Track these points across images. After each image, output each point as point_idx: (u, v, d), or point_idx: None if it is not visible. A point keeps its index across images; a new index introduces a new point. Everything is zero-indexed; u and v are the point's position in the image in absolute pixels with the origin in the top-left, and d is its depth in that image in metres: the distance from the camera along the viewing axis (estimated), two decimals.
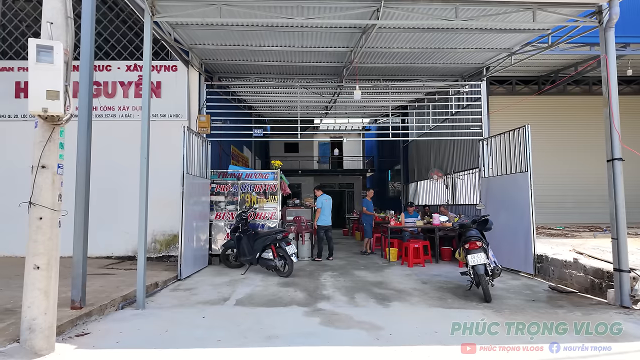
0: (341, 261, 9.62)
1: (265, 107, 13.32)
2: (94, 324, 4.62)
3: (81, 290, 4.84)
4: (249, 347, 3.94)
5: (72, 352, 3.75)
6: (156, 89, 9.05)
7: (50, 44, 3.67)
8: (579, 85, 12.91)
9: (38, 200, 3.67)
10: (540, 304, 5.54)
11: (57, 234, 3.80)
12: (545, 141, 11.47)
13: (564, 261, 6.57)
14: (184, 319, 4.90)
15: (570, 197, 12.06)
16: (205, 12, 6.35)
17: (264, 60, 9.15)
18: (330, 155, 26.96)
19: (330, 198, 10.09)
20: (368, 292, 6.31)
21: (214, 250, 9.02)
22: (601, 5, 5.90)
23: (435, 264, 9.07)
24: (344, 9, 6.43)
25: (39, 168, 3.70)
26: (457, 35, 7.69)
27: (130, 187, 7.52)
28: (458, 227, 6.68)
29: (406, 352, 3.80)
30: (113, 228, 8.63)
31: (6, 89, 9.10)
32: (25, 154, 5.77)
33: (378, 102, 12.18)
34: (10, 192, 8.49)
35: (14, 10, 9.43)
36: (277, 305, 5.49)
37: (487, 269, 5.74)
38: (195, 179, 8.05)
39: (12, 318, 4.30)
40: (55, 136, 3.80)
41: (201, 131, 8.87)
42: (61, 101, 3.65)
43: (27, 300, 3.60)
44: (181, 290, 6.45)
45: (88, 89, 5.13)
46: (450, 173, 12.64)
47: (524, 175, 7.46)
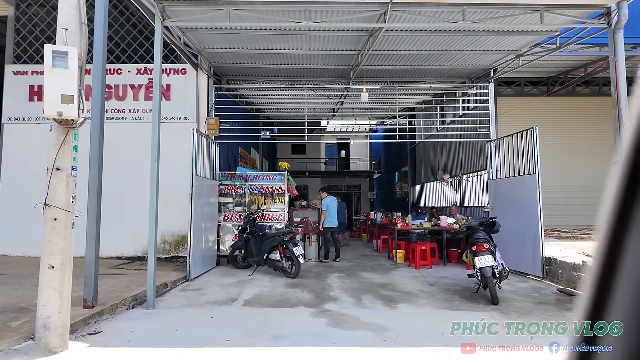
0: (348, 263, 9.64)
1: (273, 110, 13.42)
2: (105, 323, 4.71)
3: (93, 290, 4.94)
4: (257, 347, 3.99)
5: (85, 350, 3.84)
6: (166, 92, 9.18)
7: (65, 49, 3.78)
8: (588, 87, 12.79)
9: (53, 201, 3.77)
10: (548, 306, 5.51)
11: (71, 234, 3.90)
12: (555, 143, 11.38)
13: (573, 264, 6.53)
14: (194, 319, 4.98)
15: (579, 200, 11.93)
16: (215, 17, 6.45)
17: (272, 63, 9.24)
18: (337, 157, 27.00)
19: (335, 200, 10.12)
20: (375, 293, 6.33)
21: (222, 251, 9.11)
22: (610, 7, 5.88)
23: (443, 266, 9.05)
24: (352, 13, 6.48)
25: (54, 170, 3.80)
26: (464, 38, 7.69)
27: (140, 189, 7.66)
28: (466, 230, 6.67)
29: (413, 354, 3.82)
30: (123, 229, 8.75)
31: (21, 92, 9.30)
32: (39, 156, 5.92)
33: (385, 104, 12.20)
34: (23, 194, 8.74)
35: (28, 15, 9.64)
36: (285, 306, 5.54)
37: (495, 271, 5.73)
38: (204, 180, 8.14)
39: (27, 316, 4.41)
40: (70, 139, 3.91)
41: (210, 134, 8.97)
42: (76, 105, 3.76)
43: (42, 299, 3.70)
44: (190, 290, 6.53)
45: (101, 94, 5.25)
46: (458, 175, 12.60)
47: (533, 177, 7.43)
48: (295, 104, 12.11)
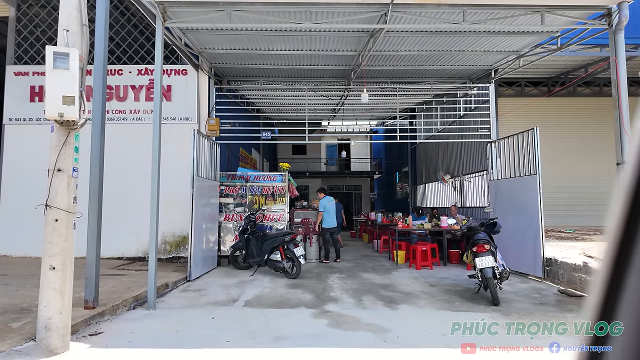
0: (348, 263, 9.64)
1: (273, 110, 13.43)
2: (106, 324, 4.72)
3: (94, 291, 4.95)
4: (258, 347, 3.99)
5: (86, 351, 3.85)
6: (166, 93, 9.18)
7: (66, 50, 3.78)
8: (589, 87, 12.79)
9: (54, 202, 3.78)
10: (549, 307, 5.52)
11: (72, 235, 3.90)
12: (555, 143, 11.39)
13: (574, 264, 6.53)
14: (194, 319, 4.98)
15: (580, 200, 11.95)
16: (215, 18, 6.46)
17: (272, 64, 9.25)
18: (337, 157, 27.01)
19: (333, 200, 10.04)
20: (375, 294, 6.33)
21: (223, 252, 9.11)
22: (610, 8, 5.88)
23: (443, 267, 9.05)
24: (352, 14, 6.48)
25: (55, 171, 3.81)
26: (465, 38, 7.70)
27: (140, 189, 7.66)
28: (466, 230, 6.67)
29: (414, 355, 3.82)
30: (124, 229, 8.75)
31: (21, 93, 9.31)
32: (40, 156, 5.92)
33: (386, 104, 12.21)
34: (24, 194, 8.74)
35: (29, 16, 9.65)
36: (285, 307, 5.55)
37: (495, 272, 5.73)
38: (205, 181, 8.15)
39: (28, 317, 4.41)
40: (71, 140, 3.91)
41: (210, 134, 8.97)
42: (76, 106, 3.76)
43: (44, 299, 3.71)
44: (191, 291, 6.54)
45: (102, 95, 5.24)
46: (458, 175, 12.60)
47: (533, 178, 7.43)
48: (296, 104, 12.12)
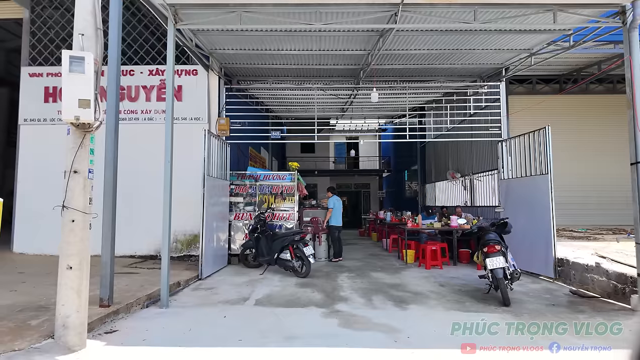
0: (358, 262, 9.67)
1: (282, 109, 13.48)
2: (121, 322, 4.81)
3: (109, 289, 5.05)
4: (270, 347, 4.04)
5: (102, 349, 3.94)
6: (177, 93, 9.27)
7: (81, 54, 3.86)
8: (602, 84, 12.59)
9: (70, 203, 3.86)
10: (560, 308, 5.48)
11: (88, 235, 3.99)
12: (567, 141, 11.23)
13: (586, 265, 6.47)
14: (206, 318, 5.05)
15: (592, 199, 11.79)
16: (226, 19, 6.51)
17: (282, 64, 9.28)
18: (346, 155, 26.99)
19: (340, 199, 10.24)
20: (385, 294, 6.35)
21: (233, 250, 9.20)
22: (624, 6, 5.78)
23: (453, 267, 9.02)
24: (362, 14, 6.48)
25: (71, 173, 3.89)
26: (475, 37, 7.64)
27: (152, 188, 7.75)
28: (477, 230, 6.64)
29: (424, 355, 3.84)
30: (136, 228, 8.87)
31: (36, 93, 9.48)
32: (54, 156, 6.03)
33: (395, 102, 12.17)
34: (40, 193, 8.92)
35: (43, 17, 9.81)
36: (296, 306, 5.59)
37: (506, 272, 5.70)
38: (215, 180, 8.22)
39: (46, 315, 4.53)
40: (86, 142, 3.99)
41: (221, 134, 9.05)
42: (92, 109, 3.83)
43: (61, 298, 3.80)
44: (202, 289, 6.62)
45: (115, 98, 5.32)
46: (468, 174, 12.52)
47: (545, 177, 7.36)
48: (305, 102, 12.15)
